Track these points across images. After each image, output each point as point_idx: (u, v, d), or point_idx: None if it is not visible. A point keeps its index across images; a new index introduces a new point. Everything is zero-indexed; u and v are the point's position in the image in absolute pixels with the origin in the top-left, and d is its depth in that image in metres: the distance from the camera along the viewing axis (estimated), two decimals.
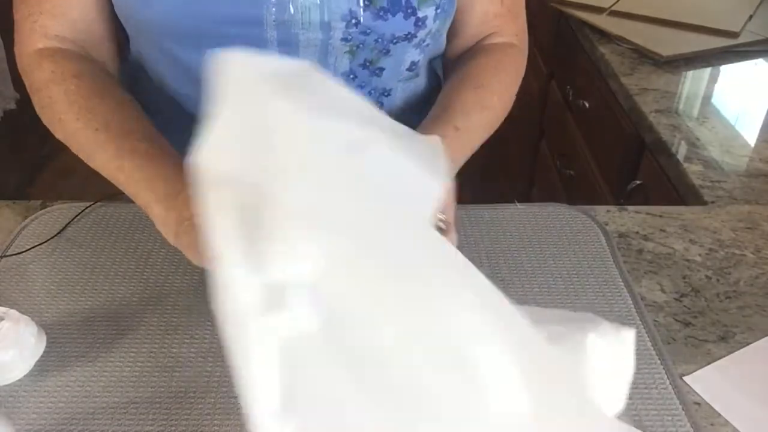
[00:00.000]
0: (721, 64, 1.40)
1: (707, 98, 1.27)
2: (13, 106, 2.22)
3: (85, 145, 0.69)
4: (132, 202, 0.69)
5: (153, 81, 0.80)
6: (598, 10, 1.56)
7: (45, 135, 0.73)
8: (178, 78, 0.78)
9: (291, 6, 0.70)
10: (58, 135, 0.71)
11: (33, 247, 0.79)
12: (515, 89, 0.82)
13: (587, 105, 1.53)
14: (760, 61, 1.42)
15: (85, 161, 0.70)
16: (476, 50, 0.82)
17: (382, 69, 0.79)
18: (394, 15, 0.72)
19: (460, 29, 0.83)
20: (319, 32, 0.72)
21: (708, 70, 1.38)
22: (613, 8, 1.56)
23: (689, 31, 1.47)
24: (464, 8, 0.81)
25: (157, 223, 0.64)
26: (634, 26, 1.49)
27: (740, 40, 1.44)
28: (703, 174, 1.03)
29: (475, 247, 0.81)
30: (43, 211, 0.84)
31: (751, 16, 1.52)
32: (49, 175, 2.59)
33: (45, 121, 0.73)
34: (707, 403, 0.64)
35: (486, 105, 0.76)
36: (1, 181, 2.34)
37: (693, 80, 1.34)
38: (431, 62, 0.88)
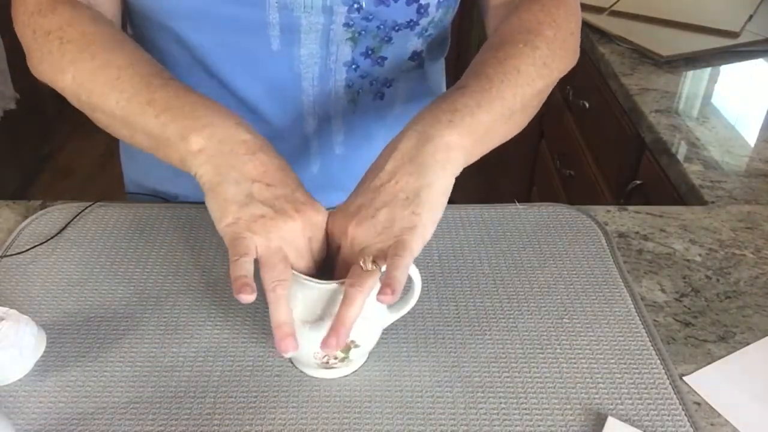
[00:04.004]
0: (721, 64, 1.40)
1: (707, 98, 1.27)
2: (13, 106, 2.22)
3: (103, 83, 0.63)
4: (132, 202, 0.69)
5: None
6: (598, 10, 1.56)
7: (45, 135, 0.72)
8: (181, 58, 0.78)
9: None
10: (65, 78, 0.65)
11: (33, 247, 0.79)
12: (560, 42, 0.71)
13: (587, 105, 1.53)
14: (760, 61, 1.42)
15: (95, 106, 0.64)
16: (511, 12, 0.74)
17: (384, 58, 0.79)
18: (396, 1, 0.72)
19: None
20: (321, 16, 0.72)
21: (708, 70, 1.38)
22: (613, 8, 1.56)
23: (689, 31, 1.47)
24: None
25: (196, 157, 0.58)
26: (634, 26, 1.49)
27: (740, 40, 1.44)
28: (703, 174, 1.03)
29: (475, 247, 0.81)
30: (43, 211, 0.84)
31: (751, 16, 1.52)
32: (49, 175, 2.59)
33: (45, 67, 0.66)
34: (707, 403, 0.64)
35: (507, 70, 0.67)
36: (1, 181, 2.34)
37: (693, 80, 1.34)
38: (436, 60, 0.88)
